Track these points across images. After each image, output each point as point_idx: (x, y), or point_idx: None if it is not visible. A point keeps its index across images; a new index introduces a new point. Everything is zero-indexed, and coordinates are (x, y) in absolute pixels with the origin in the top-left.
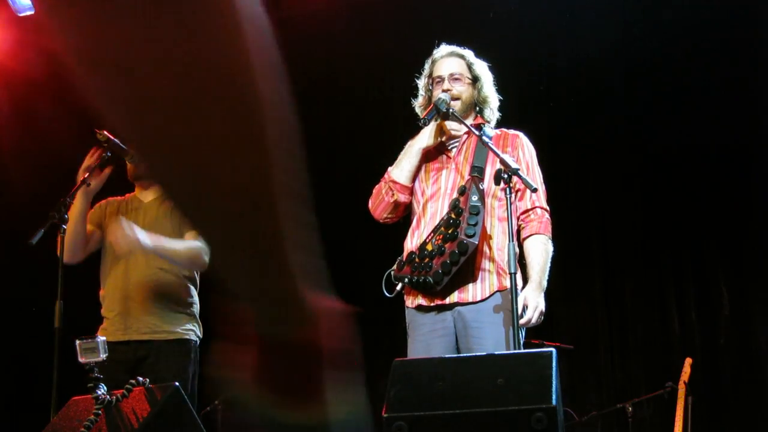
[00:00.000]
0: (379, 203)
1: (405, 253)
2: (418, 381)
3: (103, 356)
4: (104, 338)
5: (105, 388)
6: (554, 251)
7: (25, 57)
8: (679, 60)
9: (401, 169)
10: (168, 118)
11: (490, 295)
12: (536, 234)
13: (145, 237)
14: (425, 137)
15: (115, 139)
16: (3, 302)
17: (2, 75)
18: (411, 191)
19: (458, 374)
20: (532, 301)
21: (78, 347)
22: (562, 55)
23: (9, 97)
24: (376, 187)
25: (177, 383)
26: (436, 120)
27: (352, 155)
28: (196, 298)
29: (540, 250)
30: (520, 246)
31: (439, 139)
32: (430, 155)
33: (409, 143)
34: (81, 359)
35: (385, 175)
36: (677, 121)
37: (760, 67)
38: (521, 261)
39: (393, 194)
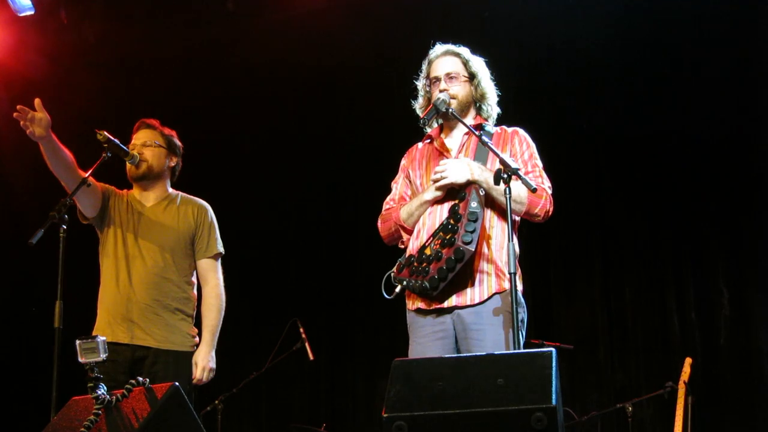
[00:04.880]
0: (387, 234)
1: (406, 255)
2: (418, 381)
3: (103, 356)
4: (104, 338)
5: (105, 388)
6: (554, 251)
7: (25, 57)
8: (679, 58)
9: (410, 215)
10: None
11: (489, 298)
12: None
13: (205, 354)
14: (430, 191)
15: (115, 140)
16: (3, 302)
17: (2, 75)
18: (412, 233)
19: (458, 374)
20: None
21: (78, 347)
22: (561, 53)
23: (9, 97)
24: (386, 212)
25: (176, 383)
26: (436, 120)
27: (351, 154)
28: (195, 303)
29: None
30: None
31: (440, 193)
32: (431, 156)
33: (424, 190)
34: (81, 359)
35: (393, 212)
36: (677, 121)
37: (761, 66)
38: (520, 262)
39: (401, 236)
